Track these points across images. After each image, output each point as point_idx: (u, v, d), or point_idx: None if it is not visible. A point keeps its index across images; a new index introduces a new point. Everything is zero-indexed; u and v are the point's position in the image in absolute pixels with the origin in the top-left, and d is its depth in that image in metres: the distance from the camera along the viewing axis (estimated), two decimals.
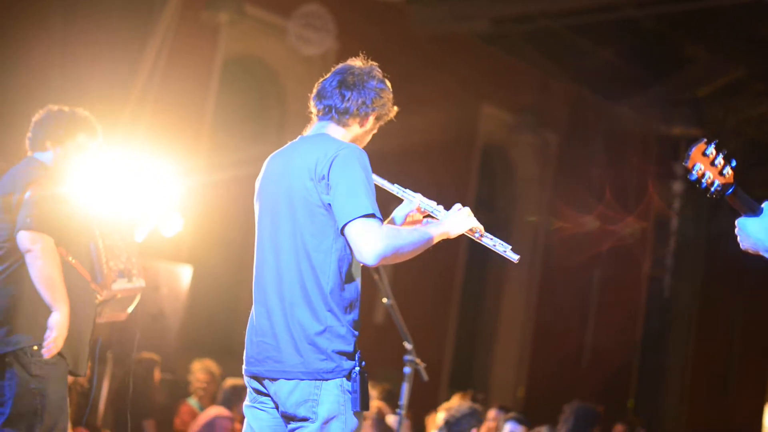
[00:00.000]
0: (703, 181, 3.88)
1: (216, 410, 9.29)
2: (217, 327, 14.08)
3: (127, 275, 6.16)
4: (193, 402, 10.53)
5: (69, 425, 7.98)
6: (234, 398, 9.66)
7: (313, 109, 4.62)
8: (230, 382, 9.88)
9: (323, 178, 4.13)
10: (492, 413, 11.66)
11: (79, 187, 5.86)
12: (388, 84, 4.53)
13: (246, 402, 4.38)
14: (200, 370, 10.74)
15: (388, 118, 4.55)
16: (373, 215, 4.03)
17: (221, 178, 12.83)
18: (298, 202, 4.22)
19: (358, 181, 4.10)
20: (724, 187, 3.88)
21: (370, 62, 4.59)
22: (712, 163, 3.89)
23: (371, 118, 4.45)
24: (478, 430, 8.13)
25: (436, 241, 4.29)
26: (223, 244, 13.95)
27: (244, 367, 4.38)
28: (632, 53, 16.84)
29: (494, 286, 17.73)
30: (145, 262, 9.69)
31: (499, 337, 17.78)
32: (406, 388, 7.06)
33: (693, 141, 13.76)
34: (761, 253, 3.92)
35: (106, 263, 5.95)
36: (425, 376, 7.22)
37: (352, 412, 4.08)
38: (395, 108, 4.56)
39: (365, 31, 14.48)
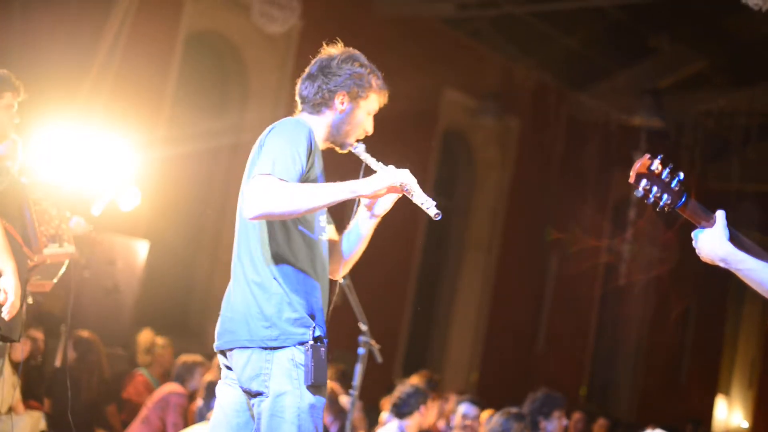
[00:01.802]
0: (651, 196, 3.83)
1: (170, 387, 9.27)
2: (172, 303, 14.05)
3: (58, 240, 6.08)
4: (144, 372, 10.52)
5: (20, 397, 7.95)
6: (187, 375, 9.64)
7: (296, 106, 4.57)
8: (183, 358, 9.86)
9: (260, 147, 4.18)
10: (452, 398, 11.70)
11: (10, 152, 5.77)
12: (359, 60, 4.49)
13: (219, 380, 4.37)
14: (148, 342, 10.73)
15: (373, 92, 4.48)
16: (268, 174, 3.98)
17: (180, 153, 12.79)
18: (247, 174, 4.25)
19: (275, 145, 4.11)
20: (674, 200, 3.85)
21: (347, 50, 4.56)
22: (659, 177, 3.85)
23: (340, 99, 4.39)
24: (425, 407, 8.15)
25: (348, 197, 4.12)
26: (181, 219, 13.90)
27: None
28: (596, 42, 16.89)
29: (451, 269, 17.76)
30: (102, 235, 9.66)
31: (454, 320, 17.81)
32: (359, 369, 7.06)
33: (653, 131, 13.76)
34: (717, 264, 3.91)
35: (38, 228, 5.86)
36: (379, 358, 7.23)
37: (305, 386, 4.03)
38: (377, 79, 4.51)
39: (329, 11, 14.43)
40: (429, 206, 4.17)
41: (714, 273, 3.99)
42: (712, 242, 3.90)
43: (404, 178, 4.20)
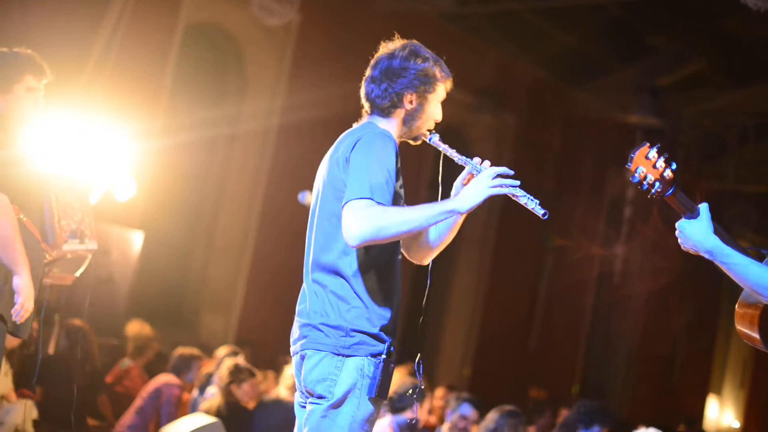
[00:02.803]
0: (645, 183, 3.92)
1: (165, 378, 9.27)
2: (166, 294, 14.05)
3: (80, 236, 6.00)
4: (132, 363, 10.54)
5: (12, 386, 7.94)
6: (183, 367, 9.66)
7: (363, 110, 4.52)
8: (180, 350, 9.87)
9: (347, 161, 4.10)
10: (440, 392, 11.70)
11: (34, 141, 5.62)
12: (421, 55, 4.50)
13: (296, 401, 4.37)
14: (151, 338, 10.75)
15: (440, 83, 4.51)
16: (367, 198, 3.95)
17: (177, 143, 12.78)
18: (328, 186, 4.18)
19: (366, 164, 4.04)
20: (664, 188, 3.92)
21: (403, 42, 4.57)
22: (654, 166, 3.92)
23: (409, 98, 4.39)
24: (420, 405, 8.15)
25: (448, 216, 4.14)
26: (177, 210, 13.90)
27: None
28: (595, 39, 16.89)
29: (445, 264, 17.77)
30: (97, 225, 9.65)
31: (448, 316, 17.83)
32: None
33: (650, 129, 13.80)
34: (701, 254, 3.96)
35: (58, 222, 5.77)
36: None
37: (367, 397, 4.05)
38: (440, 69, 4.52)
39: (327, 5, 14.45)
40: (534, 206, 4.36)
41: (707, 273, 4.02)
42: (700, 233, 3.97)
43: (500, 182, 4.32)
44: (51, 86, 5.79)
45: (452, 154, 4.49)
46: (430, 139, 4.53)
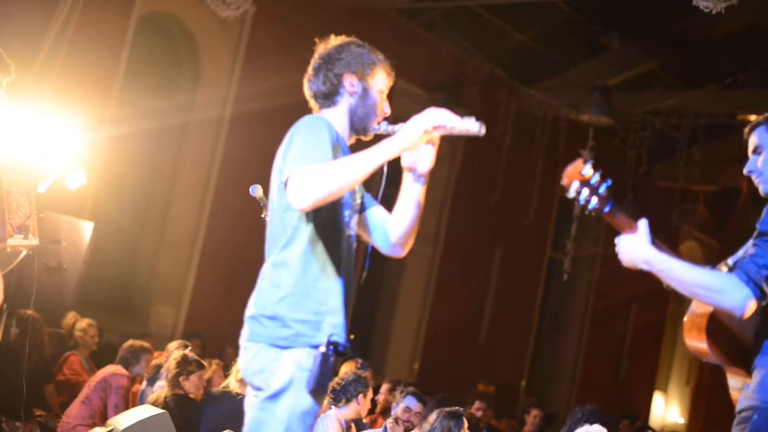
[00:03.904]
0: (581, 199, 3.96)
1: (112, 368, 9.23)
2: (116, 284, 14.00)
3: (24, 231, 5.96)
4: (76, 353, 10.51)
5: None
6: (132, 359, 9.62)
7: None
8: (130, 342, 9.83)
9: (284, 157, 4.07)
10: (386, 386, 11.72)
11: None
12: (356, 42, 4.55)
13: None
14: (84, 323, 10.70)
15: (379, 67, 4.52)
16: (304, 165, 3.92)
17: (129, 133, 12.74)
18: (273, 182, 4.17)
19: (298, 143, 4.03)
20: (601, 204, 3.96)
21: (340, 37, 4.62)
22: (589, 182, 3.96)
23: (349, 81, 4.39)
24: (364, 396, 8.18)
25: (390, 155, 4.05)
26: (127, 200, 13.86)
27: None
28: (548, 38, 16.97)
29: (395, 260, 17.79)
30: (47, 214, 9.61)
31: (398, 311, 17.86)
32: None
33: (601, 128, 13.88)
34: (640, 267, 4.02)
35: (8, 217, 5.73)
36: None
37: (306, 390, 3.99)
38: (378, 54, 4.56)
39: None
40: (471, 126, 4.21)
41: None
42: (635, 246, 4.01)
43: (438, 116, 4.16)
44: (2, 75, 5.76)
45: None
46: (378, 128, 4.46)
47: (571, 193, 3.98)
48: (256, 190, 4.74)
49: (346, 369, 10.21)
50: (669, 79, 17.80)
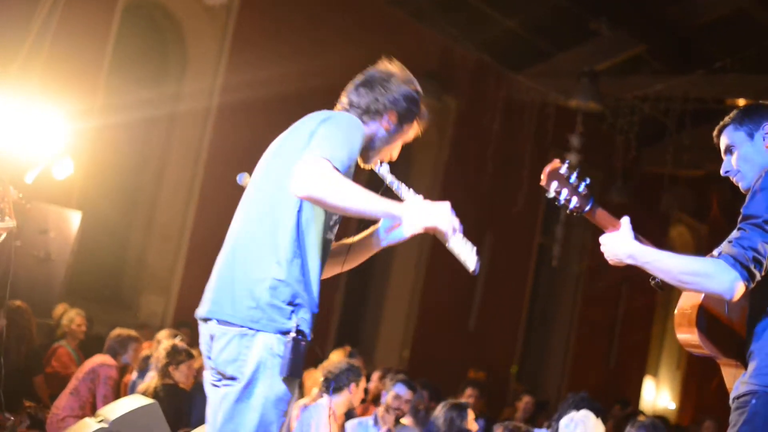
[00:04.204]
0: (561, 198, 3.99)
1: (100, 359, 9.21)
2: (105, 274, 13.97)
3: (0, 214, 5.95)
4: (64, 344, 10.48)
5: None
6: (120, 348, 9.59)
7: (338, 105, 4.43)
8: (117, 331, 9.80)
9: (311, 134, 4.03)
10: (377, 375, 11.72)
11: None
12: (416, 89, 4.49)
13: (206, 380, 4.25)
14: (72, 313, 10.67)
15: (417, 122, 4.51)
16: (327, 160, 3.87)
17: (116, 122, 12.70)
18: (285, 159, 4.09)
19: (336, 133, 4.02)
20: (582, 204, 3.99)
21: (405, 71, 4.55)
22: (568, 181, 3.97)
23: (389, 117, 4.38)
24: (356, 385, 8.17)
25: (388, 215, 4.09)
26: (115, 190, 13.82)
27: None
28: (536, 24, 16.95)
29: (385, 248, 17.78)
30: (34, 205, 9.57)
31: (387, 297, 17.86)
32: None
33: (590, 113, 13.90)
34: (625, 262, 4.06)
35: None
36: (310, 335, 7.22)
37: (279, 377, 3.97)
38: (426, 113, 4.54)
39: None
40: (467, 258, 4.30)
41: None
42: (619, 242, 4.05)
43: (447, 222, 4.16)
44: None
45: (398, 188, 4.46)
46: (379, 169, 4.50)
47: (551, 194, 4.07)
48: (244, 179, 4.72)
49: (338, 357, 10.21)
50: (657, 64, 17.81)
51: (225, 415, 4.03)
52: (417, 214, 4.06)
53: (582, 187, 4.00)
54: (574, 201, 3.99)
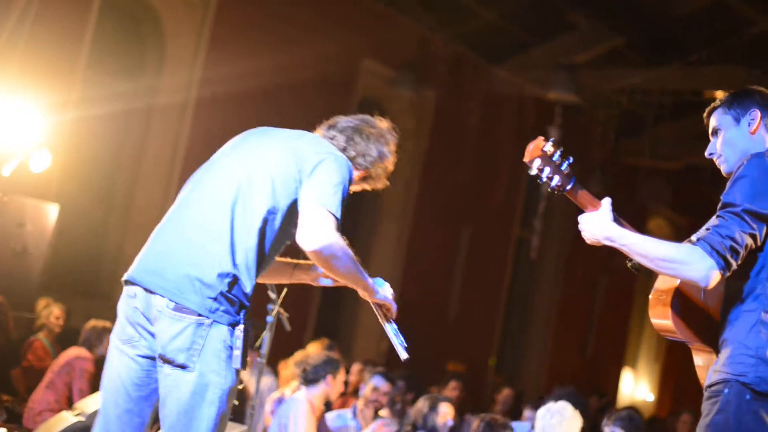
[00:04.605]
0: (543, 176, 4.01)
1: (75, 351, 9.17)
2: (82, 267, 13.92)
3: None
4: (41, 337, 10.45)
5: None
6: (95, 340, 9.54)
7: (318, 131, 4.56)
8: (93, 323, 9.75)
9: (312, 163, 4.17)
10: (356, 367, 11.72)
11: None
12: (393, 158, 4.66)
13: (118, 339, 4.26)
14: (53, 307, 10.63)
15: (375, 186, 4.65)
16: (337, 218, 4.10)
17: (93, 115, 12.65)
18: (281, 166, 4.19)
19: (340, 185, 4.16)
20: (563, 182, 4.01)
21: (396, 132, 4.70)
22: (551, 159, 3.99)
23: (361, 174, 4.53)
24: (333, 378, 8.16)
25: (361, 287, 4.53)
26: (93, 183, 13.77)
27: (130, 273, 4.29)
28: (514, 15, 16.95)
29: (364, 238, 17.79)
30: (11, 198, 9.54)
31: None
32: (268, 338, 7.06)
33: (568, 106, 13.94)
34: (603, 243, 4.07)
35: None
36: (288, 326, 7.23)
37: (233, 369, 4.06)
38: (386, 182, 4.67)
39: None
40: (398, 347, 4.72)
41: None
42: (598, 222, 4.06)
43: (388, 311, 4.74)
44: None
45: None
46: None
47: (533, 171, 4.04)
48: None
49: (315, 349, 10.20)
50: (635, 56, 17.83)
51: (180, 406, 4.04)
52: (379, 294, 4.67)
53: (565, 166, 4.01)
54: (557, 179, 4.00)
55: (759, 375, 3.89)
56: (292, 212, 4.15)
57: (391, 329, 4.72)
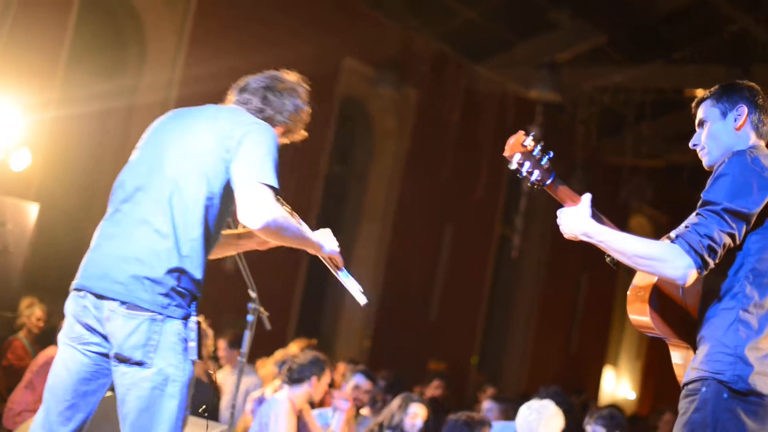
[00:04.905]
0: (523, 170, 4.01)
1: (53, 351, 9.12)
2: (63, 266, 13.81)
3: None
4: (20, 337, 10.42)
5: None
6: None
7: (230, 96, 4.59)
8: None
9: (236, 139, 4.19)
10: (341, 367, 11.71)
11: None
12: (308, 108, 4.64)
13: (66, 337, 4.33)
14: (36, 308, 10.60)
15: (294, 139, 4.65)
16: (274, 189, 4.12)
17: (74, 114, 12.61)
18: (202, 150, 4.23)
19: (268, 153, 4.19)
20: (543, 177, 4.01)
21: (303, 82, 4.68)
22: (531, 153, 3.99)
23: (280, 129, 4.50)
24: (318, 380, 8.13)
25: (307, 246, 4.50)
26: (73, 182, 13.73)
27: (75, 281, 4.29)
28: (496, 14, 16.95)
29: (346, 235, 17.78)
30: None
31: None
32: (248, 336, 7.04)
33: (550, 104, 13.95)
34: (580, 238, 4.07)
35: None
36: (268, 325, 7.20)
37: (190, 361, 4.10)
38: (303, 133, 4.67)
39: None
40: (354, 291, 4.74)
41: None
42: (576, 217, 4.07)
43: (337, 258, 4.73)
44: None
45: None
46: None
47: (513, 165, 4.05)
48: None
49: (297, 347, 10.17)
50: (616, 55, 17.85)
51: (141, 403, 4.08)
52: (323, 240, 4.60)
53: (545, 161, 4.01)
54: (536, 174, 4.00)
55: (737, 373, 3.89)
56: (228, 192, 4.19)
57: (343, 276, 4.74)
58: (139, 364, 4.05)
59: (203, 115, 4.40)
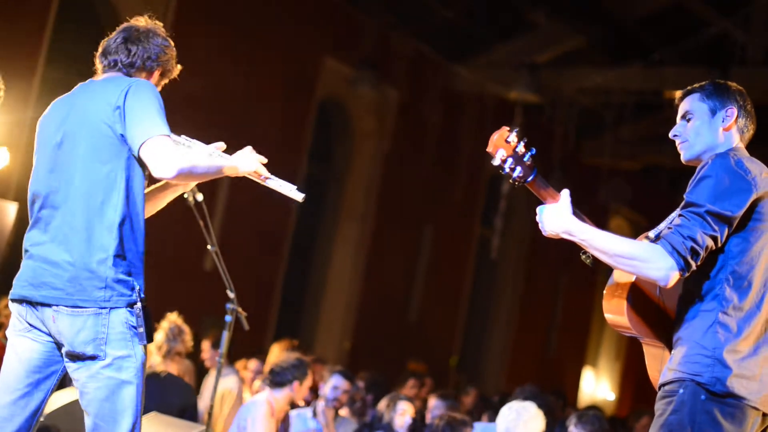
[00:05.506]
0: (505, 167, 3.99)
1: None
2: None
3: None
4: (0, 338, 10.38)
5: None
6: None
7: (99, 66, 4.70)
8: None
9: (118, 108, 4.22)
10: (318, 368, 11.69)
11: None
12: (171, 42, 4.72)
13: (14, 330, 4.33)
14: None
15: (172, 76, 4.75)
16: (167, 136, 4.19)
17: None
18: (89, 133, 4.29)
19: (151, 106, 4.24)
20: (525, 173, 4.00)
21: (154, 21, 4.77)
22: (514, 150, 3.98)
23: (156, 73, 4.61)
24: (300, 384, 8.11)
25: (225, 173, 4.45)
26: None
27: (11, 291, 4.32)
28: (475, 14, 16.96)
29: (325, 237, 17.76)
30: None
31: (327, 288, 17.82)
32: (226, 336, 7.04)
33: (529, 105, 13.97)
34: (561, 236, 4.06)
35: None
36: (246, 325, 7.20)
37: (140, 346, 4.16)
38: (179, 66, 4.77)
39: None
40: (290, 189, 4.61)
41: (583, 249, 4.09)
42: (557, 215, 4.05)
43: (261, 166, 4.60)
44: None
45: (190, 144, 4.67)
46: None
47: (496, 161, 4.01)
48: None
49: (279, 349, 10.13)
50: (596, 56, 17.88)
51: (101, 393, 4.14)
52: (240, 162, 4.52)
53: (527, 157, 4.00)
54: (518, 170, 3.98)
55: (715, 375, 3.89)
56: (133, 162, 4.23)
57: (272, 183, 4.65)
58: (93, 358, 4.11)
59: (83, 96, 4.51)
